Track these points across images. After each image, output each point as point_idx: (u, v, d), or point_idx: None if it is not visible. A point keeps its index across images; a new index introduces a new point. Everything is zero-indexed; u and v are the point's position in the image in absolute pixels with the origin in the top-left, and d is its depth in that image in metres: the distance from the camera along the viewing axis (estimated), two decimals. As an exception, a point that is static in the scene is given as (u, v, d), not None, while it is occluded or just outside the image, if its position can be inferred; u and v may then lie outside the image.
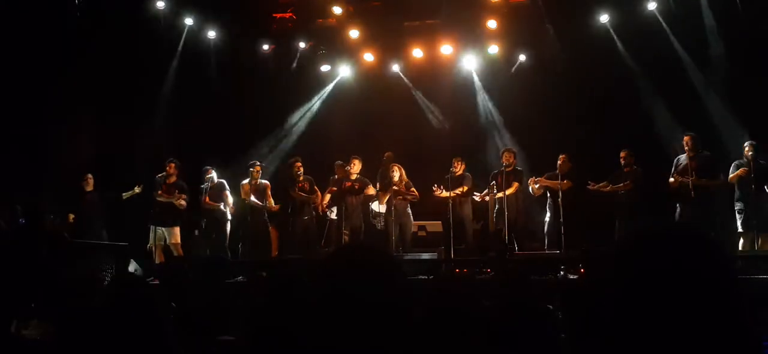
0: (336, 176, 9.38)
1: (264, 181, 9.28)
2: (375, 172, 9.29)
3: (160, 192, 8.86)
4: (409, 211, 8.95)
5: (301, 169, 9.16)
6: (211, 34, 10.84)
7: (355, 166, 8.96)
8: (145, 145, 10.14)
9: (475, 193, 8.94)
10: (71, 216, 8.92)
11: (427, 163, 9.95)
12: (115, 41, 9.70)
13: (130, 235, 9.19)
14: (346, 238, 8.69)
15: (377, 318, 1.18)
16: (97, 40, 9.61)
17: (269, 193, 9.22)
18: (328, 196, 9.20)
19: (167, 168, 8.98)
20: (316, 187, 9.29)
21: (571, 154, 8.74)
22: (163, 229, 8.78)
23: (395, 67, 11.19)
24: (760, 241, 7.68)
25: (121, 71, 10.07)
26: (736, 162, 7.94)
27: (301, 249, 8.91)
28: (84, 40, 9.56)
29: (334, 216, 9.20)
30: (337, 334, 1.17)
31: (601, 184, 8.53)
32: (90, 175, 9.18)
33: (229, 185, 9.35)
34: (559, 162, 8.65)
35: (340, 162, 9.41)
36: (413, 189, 8.85)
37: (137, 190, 9.10)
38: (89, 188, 9.13)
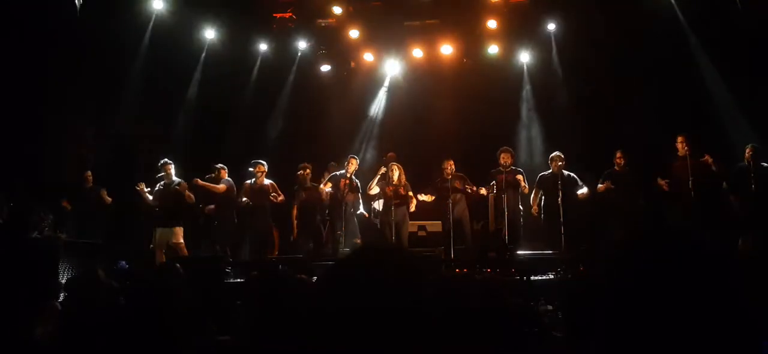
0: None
1: (268, 181, 9.26)
2: (376, 172, 9.29)
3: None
4: (406, 212, 8.93)
5: (308, 174, 9.17)
6: (211, 33, 10.84)
7: (352, 166, 8.96)
8: (144, 145, 10.14)
9: (468, 186, 8.89)
10: (67, 204, 8.93)
11: (427, 163, 9.96)
12: (114, 41, 9.70)
13: (132, 234, 9.19)
14: (342, 238, 8.70)
15: (400, 320, 1.16)
16: (97, 39, 9.60)
17: (272, 190, 9.20)
18: (325, 186, 9.14)
19: (165, 169, 8.98)
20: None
21: (566, 154, 8.74)
22: (166, 229, 8.75)
23: (395, 67, 11.22)
24: (740, 241, 7.68)
25: (121, 71, 10.08)
26: (736, 166, 7.94)
27: (301, 249, 8.92)
28: (83, 40, 9.54)
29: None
30: (351, 337, 1.15)
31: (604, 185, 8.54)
32: (89, 173, 9.18)
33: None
34: (556, 163, 8.63)
35: (333, 163, 9.41)
36: (411, 193, 8.83)
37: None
38: (89, 185, 9.14)
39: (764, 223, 7.63)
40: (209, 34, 10.85)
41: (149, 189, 8.81)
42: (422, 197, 8.76)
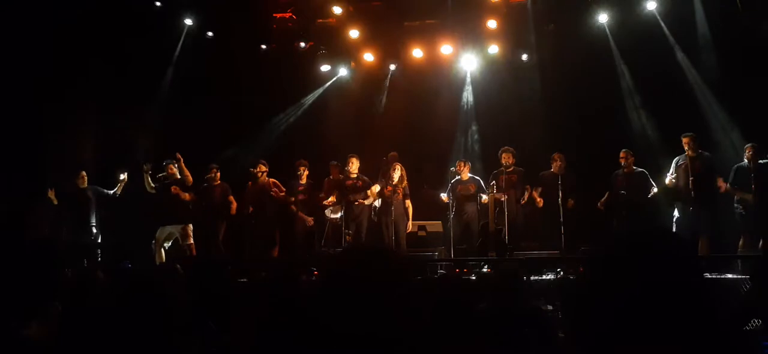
0: (331, 177, 9.36)
1: (269, 179, 9.26)
2: (376, 171, 9.28)
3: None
4: (405, 212, 8.91)
5: (305, 173, 9.15)
6: (211, 34, 10.84)
7: (354, 165, 8.95)
8: (143, 145, 10.13)
9: (482, 194, 8.86)
10: (51, 192, 8.90)
11: (428, 163, 9.96)
12: (114, 40, 9.70)
13: (135, 233, 9.18)
14: (349, 237, 8.67)
15: (387, 317, 1.18)
16: (97, 39, 9.59)
17: (274, 187, 9.19)
18: (331, 198, 9.11)
19: (168, 169, 8.98)
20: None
21: (566, 153, 8.73)
22: (173, 226, 8.72)
23: (395, 67, 11.23)
24: (761, 242, 7.66)
25: (120, 71, 10.08)
26: (736, 166, 7.92)
27: (301, 249, 8.91)
28: (83, 39, 9.54)
29: (333, 216, 9.17)
30: (346, 334, 1.17)
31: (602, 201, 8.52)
32: (83, 173, 9.16)
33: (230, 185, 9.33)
34: (558, 162, 8.62)
35: (335, 162, 9.40)
36: (409, 204, 8.81)
37: (123, 177, 9.10)
38: (83, 185, 9.11)
39: (765, 223, 7.63)
40: (209, 34, 10.85)
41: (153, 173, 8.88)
42: (443, 196, 8.76)
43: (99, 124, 10.25)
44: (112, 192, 9.21)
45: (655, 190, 8.28)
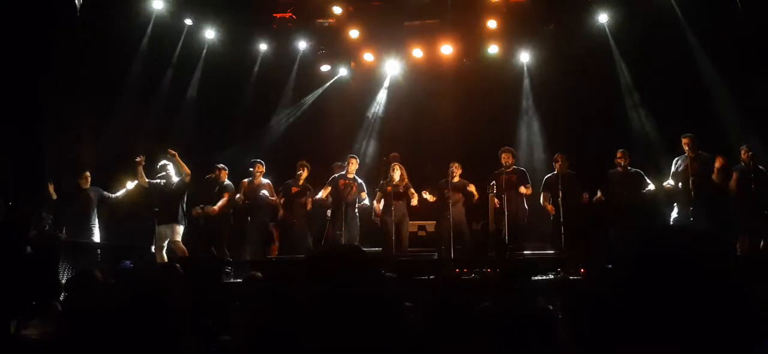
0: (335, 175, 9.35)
1: (266, 180, 9.26)
2: (377, 172, 9.26)
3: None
4: (405, 212, 8.89)
5: (305, 173, 9.13)
6: (211, 33, 10.84)
7: (352, 166, 8.94)
8: (143, 145, 10.13)
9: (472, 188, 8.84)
10: (51, 186, 8.88)
11: (428, 163, 9.96)
12: (115, 41, 9.70)
13: (135, 233, 9.18)
14: (344, 238, 8.66)
15: (356, 315, 1.18)
16: (97, 39, 9.59)
17: (269, 190, 9.20)
18: (323, 193, 9.11)
19: (165, 170, 8.96)
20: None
21: (567, 153, 8.73)
22: (165, 226, 8.72)
23: (395, 67, 11.23)
24: (762, 243, 7.65)
25: (121, 71, 10.08)
26: (733, 167, 7.92)
27: (300, 249, 8.91)
28: (83, 39, 9.54)
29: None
30: (327, 334, 1.16)
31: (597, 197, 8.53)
32: (87, 173, 9.11)
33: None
34: (560, 163, 8.62)
35: (338, 163, 9.38)
36: (412, 190, 8.79)
37: (129, 186, 9.10)
38: (86, 186, 9.07)
39: (764, 224, 7.62)
40: (209, 34, 10.86)
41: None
42: (425, 195, 8.73)
43: (99, 124, 10.24)
44: (114, 196, 9.18)
45: (651, 187, 8.30)
